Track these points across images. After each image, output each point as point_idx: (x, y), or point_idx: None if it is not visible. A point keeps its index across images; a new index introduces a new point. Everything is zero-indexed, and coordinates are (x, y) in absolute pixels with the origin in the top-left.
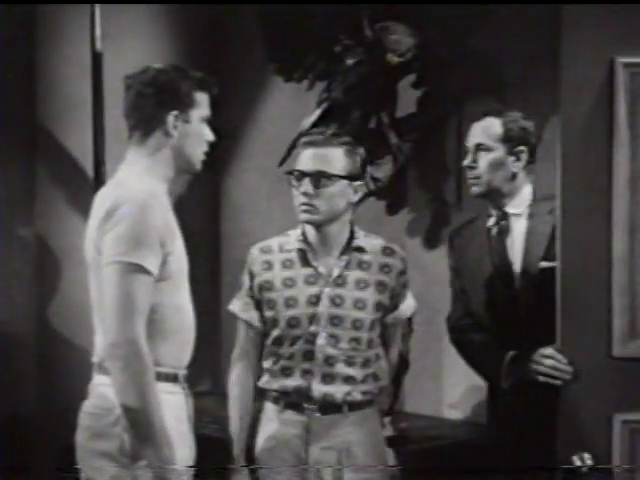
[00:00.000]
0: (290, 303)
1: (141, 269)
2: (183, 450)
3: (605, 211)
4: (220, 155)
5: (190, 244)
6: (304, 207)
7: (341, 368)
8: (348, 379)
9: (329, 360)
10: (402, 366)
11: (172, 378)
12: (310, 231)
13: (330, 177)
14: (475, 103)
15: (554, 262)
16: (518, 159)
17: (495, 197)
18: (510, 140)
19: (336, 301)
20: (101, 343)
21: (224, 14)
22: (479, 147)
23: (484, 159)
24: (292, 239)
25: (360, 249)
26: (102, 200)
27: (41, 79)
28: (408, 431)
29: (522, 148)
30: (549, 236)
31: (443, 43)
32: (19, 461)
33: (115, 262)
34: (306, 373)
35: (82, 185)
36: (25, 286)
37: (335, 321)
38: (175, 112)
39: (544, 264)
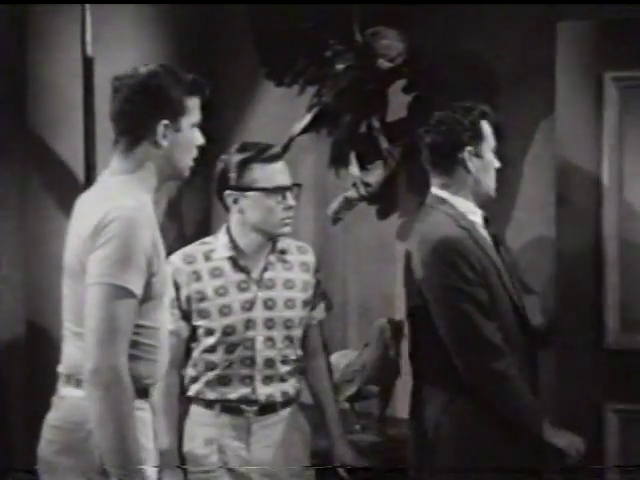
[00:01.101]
0: (225, 311)
1: (127, 292)
2: (150, 467)
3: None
4: (211, 160)
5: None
6: (288, 220)
7: (279, 368)
8: (284, 377)
9: (268, 362)
10: (393, 372)
11: (144, 394)
12: (243, 238)
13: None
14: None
15: None
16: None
17: (482, 203)
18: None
19: (268, 304)
20: (70, 354)
21: (216, 18)
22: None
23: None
24: (219, 247)
25: (282, 250)
26: (88, 212)
27: (32, 83)
28: (399, 436)
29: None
30: None
31: (434, 48)
32: (6, 468)
33: (100, 284)
34: (246, 378)
35: (73, 189)
36: (15, 291)
37: (269, 323)
38: (165, 121)
39: None
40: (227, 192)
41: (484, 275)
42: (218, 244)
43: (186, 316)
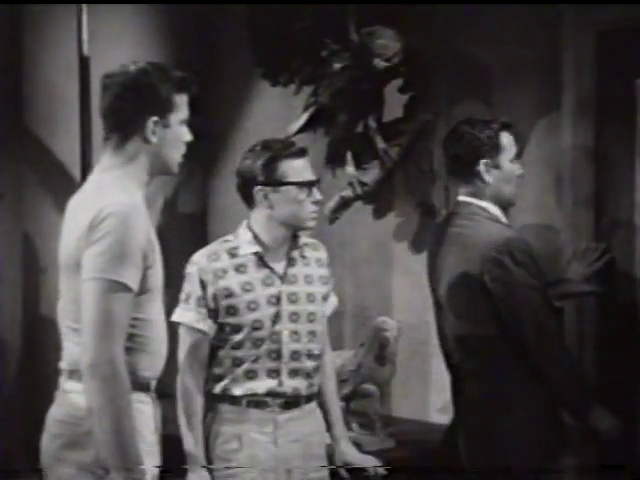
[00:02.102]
0: (252, 307)
1: (123, 287)
2: (152, 459)
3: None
4: (207, 159)
5: (177, 246)
6: (315, 214)
7: (304, 362)
8: (308, 371)
9: (294, 355)
10: (389, 372)
11: (145, 387)
12: (268, 234)
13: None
14: (462, 107)
15: None
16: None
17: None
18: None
19: (292, 298)
20: (70, 350)
21: (212, 18)
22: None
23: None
24: (242, 243)
25: (300, 246)
26: (82, 209)
27: (28, 82)
28: (395, 435)
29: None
30: None
31: (430, 48)
32: (6, 465)
33: (96, 279)
34: (273, 372)
35: (69, 188)
36: (12, 289)
37: (294, 317)
38: (154, 118)
39: None
40: (257, 188)
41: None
42: (241, 241)
43: (213, 314)
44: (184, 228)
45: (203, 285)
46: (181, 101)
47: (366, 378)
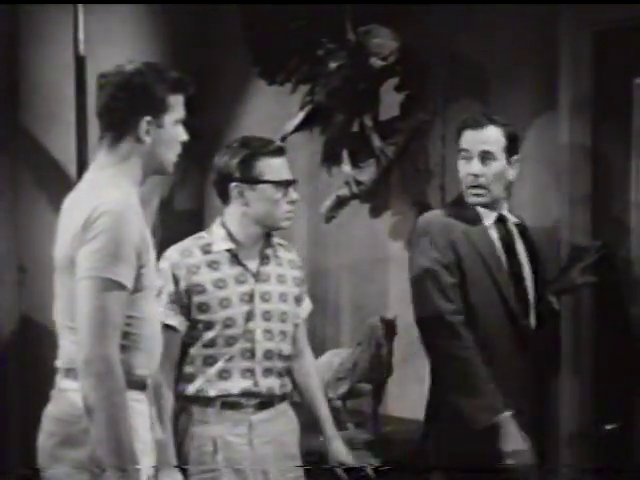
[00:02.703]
0: (224, 304)
1: (117, 285)
2: (147, 457)
3: None
4: (203, 158)
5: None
6: (290, 214)
7: (276, 361)
8: (281, 372)
9: (267, 354)
10: (386, 370)
11: (140, 386)
12: (242, 231)
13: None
14: (458, 106)
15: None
16: (514, 168)
17: (494, 206)
18: (510, 150)
19: (265, 297)
20: (66, 348)
21: (208, 17)
22: (486, 156)
23: (491, 169)
24: (216, 240)
25: (274, 245)
26: (76, 208)
27: (24, 81)
28: (392, 434)
29: (517, 157)
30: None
31: (426, 46)
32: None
33: (91, 277)
34: (247, 372)
35: (65, 187)
36: (9, 290)
37: (267, 316)
38: (148, 118)
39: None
40: (233, 184)
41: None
42: (215, 237)
43: (184, 311)
44: (180, 227)
45: (175, 280)
46: (176, 101)
47: (362, 377)
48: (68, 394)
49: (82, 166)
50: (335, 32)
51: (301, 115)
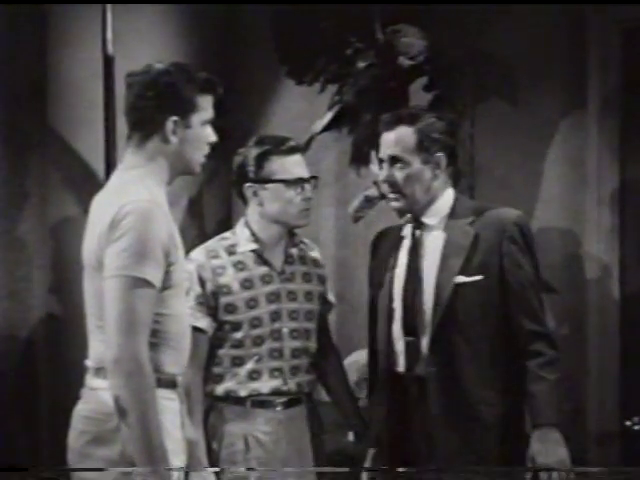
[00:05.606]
0: (251, 304)
1: (145, 283)
2: (178, 456)
3: None
4: (231, 158)
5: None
6: (306, 212)
7: (303, 360)
8: (308, 370)
9: (295, 353)
10: None
11: (171, 384)
12: (264, 231)
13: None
14: (487, 106)
15: (473, 277)
16: (437, 166)
17: (416, 209)
18: (426, 149)
19: (291, 296)
20: (96, 348)
21: (236, 17)
22: (394, 160)
23: (400, 173)
24: (240, 240)
25: (297, 244)
26: (104, 207)
27: (52, 81)
28: None
29: (440, 155)
30: (468, 249)
31: (455, 46)
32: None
33: (119, 276)
34: (275, 371)
35: (93, 187)
36: (36, 289)
37: (294, 315)
38: (175, 118)
39: (461, 279)
40: (246, 185)
41: None
42: (239, 238)
43: (212, 312)
44: (208, 227)
45: (202, 282)
46: (205, 102)
47: None
48: (98, 393)
49: (110, 166)
50: (364, 31)
51: (329, 115)
